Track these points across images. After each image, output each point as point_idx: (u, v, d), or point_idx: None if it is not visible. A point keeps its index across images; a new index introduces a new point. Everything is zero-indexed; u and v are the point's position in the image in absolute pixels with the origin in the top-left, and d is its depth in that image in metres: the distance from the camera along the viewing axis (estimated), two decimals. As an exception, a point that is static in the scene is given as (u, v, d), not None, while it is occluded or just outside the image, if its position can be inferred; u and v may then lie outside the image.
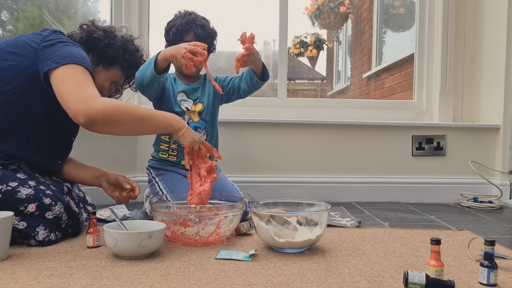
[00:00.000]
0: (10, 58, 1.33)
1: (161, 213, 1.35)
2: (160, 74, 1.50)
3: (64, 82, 1.27)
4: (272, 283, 1.00)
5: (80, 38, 1.51)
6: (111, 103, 1.25)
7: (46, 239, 1.29)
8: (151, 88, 1.58)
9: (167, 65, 1.50)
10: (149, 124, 1.33)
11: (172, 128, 1.35)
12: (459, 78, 2.49)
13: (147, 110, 1.34)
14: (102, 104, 1.23)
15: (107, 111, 1.23)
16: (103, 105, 1.23)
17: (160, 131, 1.48)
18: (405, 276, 0.97)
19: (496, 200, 2.21)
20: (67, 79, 1.27)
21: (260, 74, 1.69)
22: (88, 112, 1.22)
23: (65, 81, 1.27)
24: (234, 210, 1.37)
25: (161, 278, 1.03)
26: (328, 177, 2.35)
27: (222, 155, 1.91)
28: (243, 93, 1.78)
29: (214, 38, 1.75)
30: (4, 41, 1.38)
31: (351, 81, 5.85)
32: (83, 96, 1.23)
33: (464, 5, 2.47)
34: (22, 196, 1.26)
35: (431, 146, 2.40)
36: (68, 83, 1.26)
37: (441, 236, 1.46)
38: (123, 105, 1.29)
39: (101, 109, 1.22)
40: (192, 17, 1.69)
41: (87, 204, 1.57)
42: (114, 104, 1.25)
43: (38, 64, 1.31)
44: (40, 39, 1.35)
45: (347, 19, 5.22)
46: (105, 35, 1.55)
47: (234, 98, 1.83)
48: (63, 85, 1.26)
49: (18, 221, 1.26)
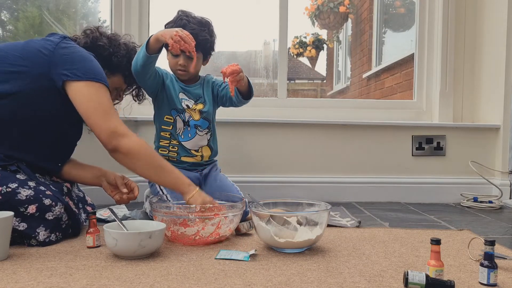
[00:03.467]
0: (19, 63, 1.34)
1: (161, 213, 1.35)
2: (151, 55, 1.53)
3: (88, 102, 1.34)
4: (272, 283, 1.00)
5: (85, 43, 1.53)
6: (138, 145, 1.37)
7: (47, 240, 1.29)
8: (146, 74, 1.59)
9: (158, 47, 1.53)
10: (162, 176, 1.42)
11: (181, 190, 1.42)
12: (459, 78, 2.49)
13: (167, 164, 1.42)
14: (130, 145, 1.35)
15: (132, 151, 1.36)
16: (130, 146, 1.35)
17: (169, 187, 1.52)
18: (405, 276, 0.97)
19: (496, 200, 2.21)
20: (92, 100, 1.35)
21: (245, 93, 1.71)
22: (116, 146, 1.35)
23: (90, 102, 1.35)
24: (234, 210, 1.37)
25: (161, 278, 1.03)
26: (328, 177, 2.35)
27: (222, 155, 1.91)
28: (234, 104, 1.79)
29: (204, 45, 1.70)
30: (12, 46, 1.38)
31: (351, 81, 5.85)
32: (112, 128, 1.34)
33: (464, 5, 2.47)
34: (22, 197, 1.27)
35: (431, 146, 2.40)
36: (93, 105, 1.34)
37: (441, 236, 1.46)
38: (147, 150, 1.39)
39: (126, 148, 1.35)
40: (183, 22, 1.66)
41: (87, 204, 1.57)
42: (140, 145, 1.37)
43: (53, 69, 1.34)
44: (53, 46, 1.36)
45: (347, 19, 5.22)
46: (109, 43, 1.58)
47: (227, 106, 1.83)
48: (87, 104, 1.35)
49: (18, 222, 1.26)
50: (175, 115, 1.72)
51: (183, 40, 1.45)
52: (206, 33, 1.70)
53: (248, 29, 4.38)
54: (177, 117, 1.72)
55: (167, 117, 1.72)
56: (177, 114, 1.72)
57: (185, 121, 1.72)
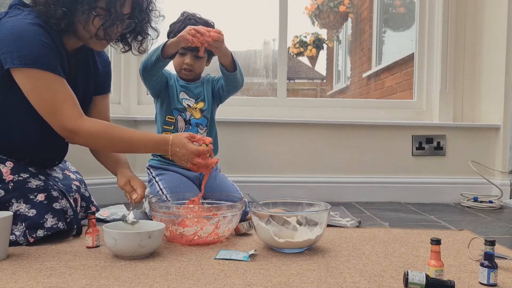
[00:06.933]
0: None
1: (160, 213, 1.34)
2: (165, 58, 1.55)
3: (31, 96, 1.25)
4: (272, 283, 1.00)
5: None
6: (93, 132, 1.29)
7: (54, 226, 1.31)
8: (153, 76, 1.63)
9: (174, 51, 1.56)
10: (131, 148, 1.39)
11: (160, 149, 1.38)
12: (459, 78, 2.49)
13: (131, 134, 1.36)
14: (85, 139, 1.31)
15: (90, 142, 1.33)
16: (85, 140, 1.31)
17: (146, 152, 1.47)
18: (405, 276, 0.97)
19: (496, 200, 2.21)
20: (33, 93, 1.25)
21: (229, 65, 1.66)
22: (73, 142, 1.33)
23: (32, 95, 1.25)
24: (233, 210, 1.37)
25: (160, 278, 1.03)
26: (328, 177, 2.35)
27: (222, 155, 1.91)
28: (226, 92, 1.78)
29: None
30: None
31: (351, 80, 5.85)
32: (60, 126, 1.28)
33: (464, 4, 2.47)
34: (33, 186, 1.32)
35: (431, 146, 2.40)
36: (36, 100, 1.26)
37: (441, 236, 1.46)
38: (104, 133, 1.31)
39: (83, 141, 1.32)
40: (192, 22, 1.68)
41: (92, 204, 1.59)
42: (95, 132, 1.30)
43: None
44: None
45: (347, 19, 5.22)
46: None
47: (223, 98, 1.83)
48: (31, 97, 1.26)
49: (28, 209, 1.29)
50: (176, 114, 1.73)
51: (199, 33, 1.47)
52: None
53: (248, 28, 4.39)
54: (178, 116, 1.73)
55: (168, 117, 1.73)
56: (178, 113, 1.73)
57: (186, 120, 1.73)
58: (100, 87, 1.55)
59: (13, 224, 1.22)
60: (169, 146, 1.35)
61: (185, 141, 1.35)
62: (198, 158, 1.36)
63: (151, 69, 1.60)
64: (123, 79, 2.30)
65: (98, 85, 1.54)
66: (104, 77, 1.57)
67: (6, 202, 1.29)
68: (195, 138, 1.38)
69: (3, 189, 1.29)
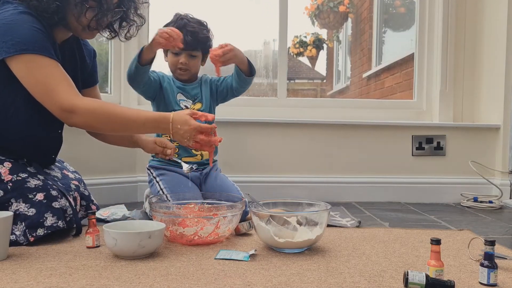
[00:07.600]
0: None
1: (160, 213, 1.35)
2: (142, 65, 1.56)
3: (27, 81, 1.25)
4: (272, 283, 1.00)
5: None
6: (92, 112, 1.27)
7: (54, 225, 1.31)
8: (139, 83, 1.65)
9: (151, 57, 1.57)
10: (133, 129, 1.38)
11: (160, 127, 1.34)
12: (459, 78, 2.49)
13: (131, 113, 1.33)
14: (83, 119, 1.27)
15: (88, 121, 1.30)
16: (84, 120, 1.28)
17: (147, 133, 1.47)
18: (405, 276, 0.97)
19: (496, 200, 2.21)
20: (28, 77, 1.25)
21: (247, 70, 1.70)
22: (71, 123, 1.30)
23: (27, 80, 1.25)
24: (233, 210, 1.37)
25: (160, 278, 1.03)
26: (328, 177, 2.35)
27: (222, 155, 1.91)
28: (235, 92, 1.80)
29: (205, 43, 1.73)
30: None
31: (351, 80, 5.85)
32: (57, 107, 1.26)
33: (464, 4, 2.47)
34: (31, 185, 1.32)
35: (431, 146, 2.40)
36: (31, 84, 1.25)
37: (441, 236, 1.46)
38: (103, 113, 1.29)
39: (81, 123, 1.29)
40: (184, 22, 1.69)
41: (92, 203, 1.58)
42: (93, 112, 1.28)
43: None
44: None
45: (347, 19, 5.22)
46: None
47: (229, 97, 1.85)
48: (27, 83, 1.26)
49: (27, 208, 1.29)
50: None
51: (171, 36, 1.48)
52: (206, 32, 1.74)
53: (248, 28, 4.39)
54: None
55: None
56: None
57: None
58: (89, 79, 1.57)
59: (13, 224, 1.22)
60: (170, 124, 1.30)
61: (187, 117, 1.31)
62: (201, 135, 1.31)
63: (135, 77, 1.61)
64: (123, 79, 2.30)
65: (86, 77, 1.55)
66: (92, 69, 1.58)
67: (5, 202, 1.29)
68: (196, 115, 1.34)
69: (2, 189, 1.29)
